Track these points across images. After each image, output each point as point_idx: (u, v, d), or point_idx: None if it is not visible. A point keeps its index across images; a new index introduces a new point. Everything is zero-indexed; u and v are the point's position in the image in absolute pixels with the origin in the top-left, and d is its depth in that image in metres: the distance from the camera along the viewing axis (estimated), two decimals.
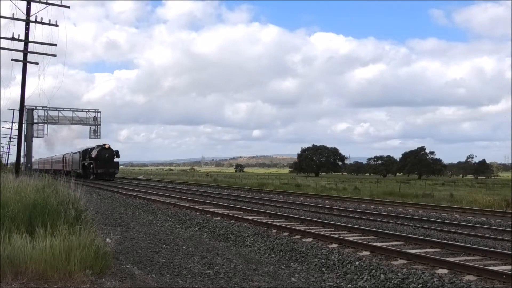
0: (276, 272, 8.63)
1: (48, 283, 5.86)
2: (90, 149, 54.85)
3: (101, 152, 51.23)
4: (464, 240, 10.84)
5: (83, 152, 56.23)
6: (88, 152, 54.60)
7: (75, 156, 60.72)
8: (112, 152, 52.75)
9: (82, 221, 7.93)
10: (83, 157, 55.85)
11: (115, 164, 53.34)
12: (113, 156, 52.82)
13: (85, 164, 54.71)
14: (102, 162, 50.77)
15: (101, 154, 51.06)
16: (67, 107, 50.53)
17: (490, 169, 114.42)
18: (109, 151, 52.20)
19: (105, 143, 52.95)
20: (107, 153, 51.74)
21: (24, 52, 23.56)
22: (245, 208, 17.79)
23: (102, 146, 52.16)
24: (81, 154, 56.54)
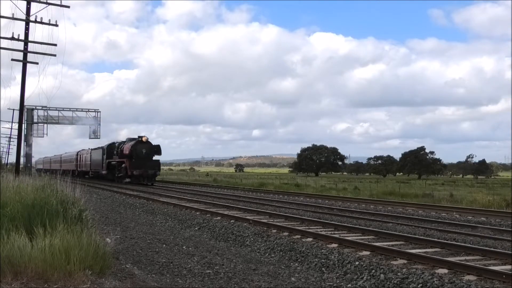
0: (276, 272, 8.63)
1: (48, 283, 5.86)
2: (119, 143, 43.34)
3: (137, 147, 38.95)
4: (464, 240, 10.84)
5: (109, 147, 44.36)
6: (117, 148, 42.72)
7: (95, 153, 48.96)
8: (152, 148, 40.18)
9: (82, 221, 7.93)
10: (108, 153, 44.05)
11: (156, 163, 39.99)
12: (153, 152, 40.26)
13: (111, 163, 42.64)
14: (139, 160, 38.41)
15: (137, 149, 38.79)
16: (67, 107, 50.53)
17: (490, 169, 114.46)
18: (148, 145, 39.68)
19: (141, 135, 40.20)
20: (146, 149, 39.23)
21: (24, 52, 23.55)
22: (245, 208, 17.79)
23: (138, 139, 39.80)
24: (105, 150, 44.71)
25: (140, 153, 38.85)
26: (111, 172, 42.89)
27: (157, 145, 40.83)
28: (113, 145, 44.24)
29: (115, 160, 42.11)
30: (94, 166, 48.71)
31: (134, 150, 38.78)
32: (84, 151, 56.73)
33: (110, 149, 44.18)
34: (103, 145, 47.09)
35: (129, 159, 38.60)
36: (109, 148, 44.42)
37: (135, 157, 38.50)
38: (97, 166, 47.24)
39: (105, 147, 44.95)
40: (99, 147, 49.03)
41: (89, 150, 53.49)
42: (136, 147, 38.89)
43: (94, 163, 49.00)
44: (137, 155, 38.57)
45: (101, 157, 45.88)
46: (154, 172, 39.09)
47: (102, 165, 45.34)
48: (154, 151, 40.36)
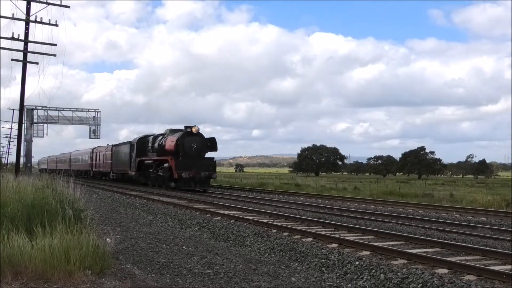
0: (276, 272, 8.63)
1: (48, 283, 5.86)
2: (154, 136, 33.90)
3: (186, 140, 29.37)
4: (464, 239, 10.84)
5: (140, 142, 35.35)
6: (152, 142, 33.53)
7: (120, 149, 40.35)
8: (204, 141, 30.38)
9: (81, 221, 7.93)
10: (139, 150, 34.97)
11: (210, 162, 30.04)
12: (206, 147, 30.52)
13: (145, 163, 33.69)
14: (188, 158, 28.90)
15: (186, 144, 29.26)
16: (67, 107, 50.46)
17: (490, 169, 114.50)
18: (200, 139, 29.93)
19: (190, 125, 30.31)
20: (196, 143, 29.52)
21: (24, 52, 23.58)
22: (245, 208, 17.78)
23: (186, 130, 29.91)
24: (133, 146, 35.86)
25: (190, 148, 29.16)
26: (144, 173, 33.98)
27: (211, 138, 31.13)
28: (145, 139, 35.23)
29: (150, 159, 33.01)
30: (118, 166, 40.21)
31: (181, 145, 28.96)
32: (102, 148, 48.17)
33: (141, 144, 35.17)
34: (130, 140, 38.57)
35: (174, 157, 28.85)
36: (140, 143, 35.34)
37: (182, 154, 28.86)
38: (122, 166, 38.73)
39: (134, 142, 36.25)
40: (124, 142, 41.23)
41: (109, 146, 44.94)
42: (183, 140, 29.10)
43: (117, 162, 40.52)
44: (185, 152, 28.95)
45: (128, 155, 37.18)
46: (209, 174, 29.00)
47: (129, 164, 36.56)
48: (208, 146, 30.55)
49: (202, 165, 29.17)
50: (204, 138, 30.52)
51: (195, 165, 28.66)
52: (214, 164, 30.24)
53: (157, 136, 33.75)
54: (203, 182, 29.01)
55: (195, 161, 28.93)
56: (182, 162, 28.68)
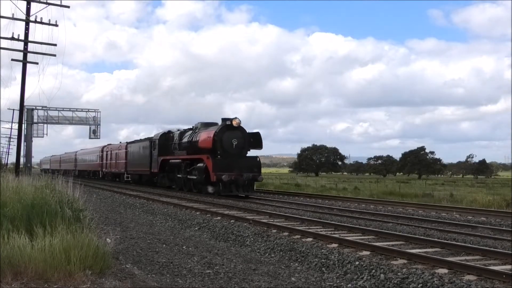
0: (276, 272, 8.63)
1: (48, 283, 5.86)
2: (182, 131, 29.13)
3: (225, 135, 24.22)
4: (464, 239, 10.84)
5: (163, 138, 30.64)
6: (179, 137, 28.73)
7: (137, 147, 35.37)
8: (247, 137, 25.14)
9: (81, 221, 7.94)
10: (162, 147, 30.30)
11: (254, 162, 24.88)
12: (249, 144, 25.36)
13: (172, 163, 28.48)
14: (228, 158, 23.91)
15: (225, 140, 24.14)
16: (67, 107, 50.44)
17: (490, 169, 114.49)
18: (241, 133, 24.86)
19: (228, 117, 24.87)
20: (238, 138, 24.49)
21: (24, 52, 23.58)
22: (245, 207, 17.79)
23: (224, 123, 24.63)
24: (156, 142, 30.89)
25: (229, 145, 24.06)
26: (168, 175, 29.50)
27: (255, 133, 26.00)
28: (169, 135, 30.64)
29: (177, 158, 28.02)
30: (135, 166, 35.54)
31: (220, 141, 23.82)
32: (113, 146, 43.84)
33: (164, 140, 30.56)
34: (150, 136, 33.69)
35: (211, 155, 23.56)
36: (163, 139, 30.68)
37: (221, 152, 23.80)
38: (140, 166, 33.88)
39: (155, 139, 31.37)
40: (142, 138, 36.51)
41: (123, 144, 40.64)
42: (222, 136, 23.97)
43: (134, 162, 35.79)
44: (223, 150, 23.87)
45: (148, 153, 32.28)
46: (253, 177, 23.95)
47: (149, 164, 31.93)
48: (250, 143, 25.29)
49: (244, 165, 24.04)
50: (247, 133, 25.18)
51: (236, 165, 23.64)
52: (258, 164, 25.07)
53: (184, 131, 28.84)
54: (247, 186, 23.90)
55: (236, 161, 23.89)
56: (221, 162, 23.46)
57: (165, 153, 30.25)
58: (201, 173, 24.41)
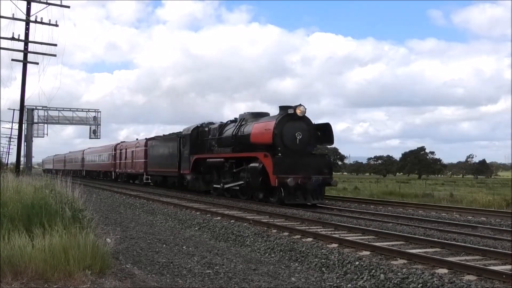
0: (276, 272, 8.63)
1: (48, 283, 5.87)
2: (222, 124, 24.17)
3: (286, 127, 19.36)
4: (464, 240, 10.83)
5: (196, 133, 25.80)
6: (219, 131, 23.76)
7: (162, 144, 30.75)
8: (313, 129, 20.13)
9: (80, 221, 7.94)
10: (194, 144, 25.49)
11: (324, 161, 20.10)
12: (316, 139, 20.52)
13: (210, 162, 23.43)
14: (291, 156, 18.95)
15: (286, 133, 19.28)
16: (67, 107, 50.44)
17: (490, 169, 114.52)
18: (306, 125, 19.84)
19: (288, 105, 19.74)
20: (302, 132, 19.54)
21: (24, 52, 23.61)
22: (245, 207, 17.79)
23: (285, 112, 19.48)
24: (187, 138, 26.01)
25: (292, 140, 19.10)
26: (204, 177, 24.49)
27: (324, 125, 20.56)
28: (203, 129, 25.61)
29: (218, 156, 22.72)
30: (158, 167, 31.01)
31: (280, 134, 18.87)
32: (129, 144, 39.52)
33: (198, 136, 25.59)
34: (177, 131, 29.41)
35: (270, 153, 18.62)
36: (196, 134, 25.65)
37: (281, 148, 18.87)
38: (165, 166, 29.44)
39: (186, 133, 26.42)
40: (168, 134, 31.96)
41: (141, 141, 36.12)
42: (283, 127, 19.02)
43: (156, 162, 31.31)
44: (284, 145, 18.93)
45: (176, 151, 27.55)
46: (324, 180, 18.93)
47: (178, 164, 27.08)
48: (317, 137, 20.21)
49: (312, 165, 18.99)
50: (313, 124, 19.95)
51: (302, 165, 18.62)
52: (329, 163, 20.13)
53: (225, 124, 23.78)
54: (317, 193, 19.01)
55: (302, 160, 18.83)
56: (284, 161, 18.40)
57: (199, 151, 25.14)
58: (256, 176, 19.21)
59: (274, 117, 20.05)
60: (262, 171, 18.97)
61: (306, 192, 18.85)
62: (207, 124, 26.10)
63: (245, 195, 21.22)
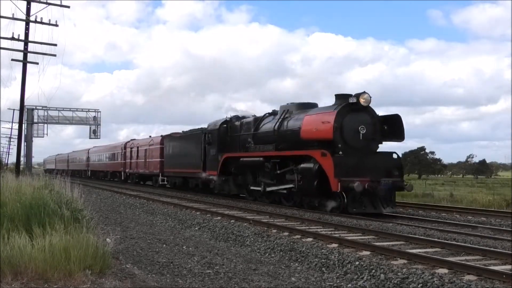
0: (276, 272, 8.63)
1: (48, 283, 5.86)
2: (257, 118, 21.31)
3: (347, 119, 16.07)
4: (464, 239, 10.83)
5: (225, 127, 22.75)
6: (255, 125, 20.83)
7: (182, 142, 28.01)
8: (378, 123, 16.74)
9: (80, 221, 7.94)
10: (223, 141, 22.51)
11: (392, 161, 16.74)
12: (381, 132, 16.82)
13: (245, 162, 20.42)
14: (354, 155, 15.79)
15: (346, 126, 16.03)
16: (67, 107, 50.47)
17: (490, 169, 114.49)
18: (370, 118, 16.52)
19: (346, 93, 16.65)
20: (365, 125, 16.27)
21: (24, 52, 23.60)
22: (245, 207, 17.79)
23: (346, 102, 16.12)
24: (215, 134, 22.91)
25: (355, 135, 16.20)
26: (236, 180, 21.57)
27: (392, 116, 17.11)
28: (233, 123, 22.53)
29: (256, 155, 19.60)
30: (177, 167, 27.86)
31: (339, 128, 15.90)
32: (141, 141, 36.74)
33: (227, 131, 22.54)
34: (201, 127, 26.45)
35: (329, 150, 15.72)
36: (223, 130, 22.65)
37: (342, 145, 16.00)
38: (187, 166, 26.12)
39: (213, 129, 23.27)
40: (188, 130, 28.48)
41: (155, 138, 33.73)
42: (342, 120, 16.04)
43: (175, 161, 28.17)
44: (345, 142, 16.07)
45: (200, 149, 24.35)
46: (394, 184, 16.08)
47: (203, 164, 23.90)
48: (384, 132, 16.92)
49: (379, 166, 16.05)
50: (378, 116, 16.82)
51: (369, 166, 15.68)
52: (399, 164, 16.91)
53: (262, 118, 20.73)
54: (388, 200, 15.96)
55: (368, 160, 15.94)
56: (348, 161, 15.49)
57: (230, 149, 21.96)
58: (310, 179, 16.03)
59: (330, 108, 16.70)
60: (319, 173, 15.78)
61: (374, 198, 15.66)
62: (237, 118, 22.84)
63: (291, 201, 18.06)
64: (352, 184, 14.85)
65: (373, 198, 15.68)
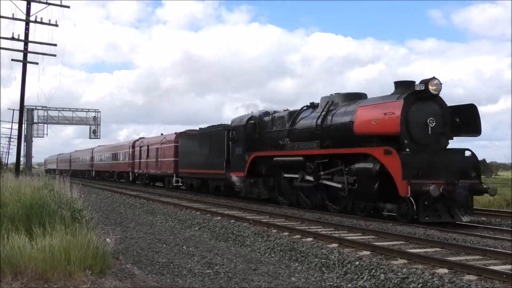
0: (276, 271, 8.63)
1: (48, 283, 5.86)
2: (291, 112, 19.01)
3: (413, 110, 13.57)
4: (464, 239, 10.83)
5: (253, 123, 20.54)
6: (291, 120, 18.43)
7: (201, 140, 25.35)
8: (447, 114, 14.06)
9: (80, 221, 7.95)
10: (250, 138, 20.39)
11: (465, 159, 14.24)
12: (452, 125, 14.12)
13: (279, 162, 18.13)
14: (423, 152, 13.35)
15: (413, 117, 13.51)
16: (67, 107, 50.51)
17: (491, 169, 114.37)
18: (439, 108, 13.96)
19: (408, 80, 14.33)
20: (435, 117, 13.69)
21: (24, 52, 23.60)
22: (245, 207, 17.79)
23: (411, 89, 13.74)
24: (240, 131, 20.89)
25: (423, 129, 13.75)
26: (266, 182, 19.22)
27: (466, 106, 14.44)
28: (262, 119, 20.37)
29: (293, 154, 17.41)
30: (195, 167, 25.43)
31: (405, 121, 13.34)
32: (152, 140, 34.43)
33: (255, 128, 20.27)
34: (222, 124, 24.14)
35: (395, 147, 13.29)
36: (250, 126, 20.35)
37: (408, 142, 13.59)
38: (206, 166, 23.75)
39: (239, 125, 21.03)
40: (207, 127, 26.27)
41: (169, 136, 31.17)
42: (408, 111, 13.47)
43: (192, 161, 25.67)
44: (412, 137, 13.65)
45: (223, 148, 21.94)
46: (472, 187, 13.57)
47: (225, 164, 21.67)
48: (455, 125, 14.33)
49: (454, 166, 13.68)
50: (448, 107, 14.31)
51: (442, 166, 13.39)
52: (476, 164, 14.29)
53: (299, 111, 18.38)
54: (464, 204, 13.51)
55: (439, 158, 13.61)
56: (417, 160, 13.21)
57: (259, 147, 19.74)
58: (369, 181, 13.63)
59: (391, 97, 14.22)
60: (380, 174, 13.30)
61: (451, 204, 13.13)
62: (265, 113, 20.70)
63: (340, 205, 15.54)
64: (426, 187, 12.41)
65: (449, 204, 13.09)
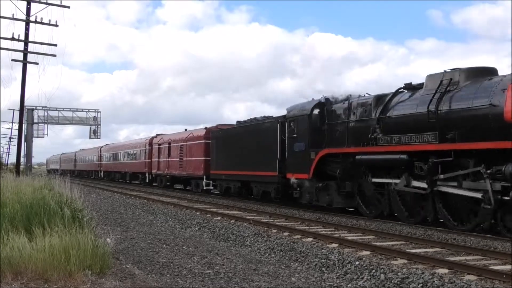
0: (276, 272, 8.63)
1: (48, 283, 5.86)
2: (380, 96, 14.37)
3: None
4: (464, 240, 10.83)
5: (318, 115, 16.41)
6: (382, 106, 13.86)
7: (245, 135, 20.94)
8: None
9: (80, 221, 7.94)
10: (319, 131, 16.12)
11: None
12: None
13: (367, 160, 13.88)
14: None
15: None
16: (67, 107, 50.40)
17: None
18: None
19: None
20: None
21: (24, 52, 23.61)
22: (246, 207, 17.78)
23: None
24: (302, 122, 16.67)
25: None
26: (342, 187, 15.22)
27: None
28: (330, 106, 16.34)
29: (390, 151, 13.04)
30: (233, 167, 21.53)
31: None
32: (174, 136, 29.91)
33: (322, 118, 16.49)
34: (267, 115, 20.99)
35: None
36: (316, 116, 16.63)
37: None
38: (251, 167, 20.04)
39: (299, 116, 17.13)
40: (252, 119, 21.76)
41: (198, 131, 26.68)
42: None
43: (230, 160, 21.97)
44: None
45: (274, 144, 18.50)
46: None
47: (279, 163, 18.13)
48: None
49: None
50: None
51: None
52: None
53: (392, 95, 14.22)
54: None
55: None
56: None
57: (331, 142, 15.91)
58: None
59: None
60: None
61: None
62: (335, 100, 16.50)
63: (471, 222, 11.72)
64: None
65: None
